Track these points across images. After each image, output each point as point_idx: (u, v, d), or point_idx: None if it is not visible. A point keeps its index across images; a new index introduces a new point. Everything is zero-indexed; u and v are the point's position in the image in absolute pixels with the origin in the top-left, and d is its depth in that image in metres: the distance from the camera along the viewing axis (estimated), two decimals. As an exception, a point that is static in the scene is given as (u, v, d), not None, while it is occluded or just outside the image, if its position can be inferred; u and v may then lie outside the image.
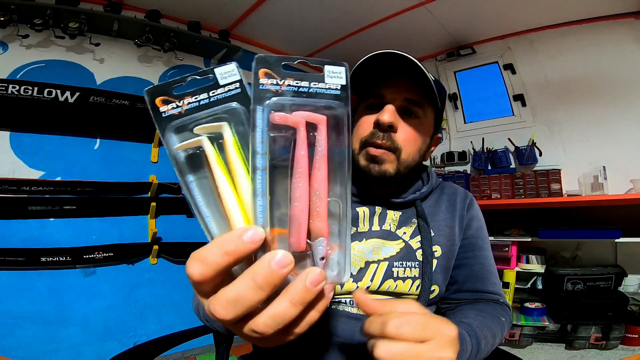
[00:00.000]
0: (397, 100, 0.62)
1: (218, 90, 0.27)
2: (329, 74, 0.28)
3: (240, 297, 0.24)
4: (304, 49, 2.86)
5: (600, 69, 2.22)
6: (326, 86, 0.28)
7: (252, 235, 0.23)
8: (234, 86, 0.27)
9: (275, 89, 0.26)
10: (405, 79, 0.62)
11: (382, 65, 0.61)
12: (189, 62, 2.38)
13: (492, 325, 0.59)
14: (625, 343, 1.87)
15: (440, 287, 0.66)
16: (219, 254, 0.24)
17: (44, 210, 1.79)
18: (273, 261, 0.23)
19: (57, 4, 1.78)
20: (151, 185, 2.08)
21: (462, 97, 2.85)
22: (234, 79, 0.27)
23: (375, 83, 0.64)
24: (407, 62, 0.59)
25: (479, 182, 2.43)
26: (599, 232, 2.02)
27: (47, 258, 1.75)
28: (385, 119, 0.60)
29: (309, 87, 0.27)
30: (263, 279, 0.23)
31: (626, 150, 2.11)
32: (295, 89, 0.27)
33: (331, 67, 0.28)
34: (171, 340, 0.76)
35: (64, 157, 1.90)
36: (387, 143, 0.61)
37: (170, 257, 2.15)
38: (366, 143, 0.62)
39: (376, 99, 0.64)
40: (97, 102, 1.90)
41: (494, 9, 2.26)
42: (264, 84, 0.26)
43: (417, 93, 0.63)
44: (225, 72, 0.27)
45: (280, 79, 0.27)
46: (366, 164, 0.63)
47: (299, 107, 0.27)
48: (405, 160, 0.64)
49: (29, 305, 1.72)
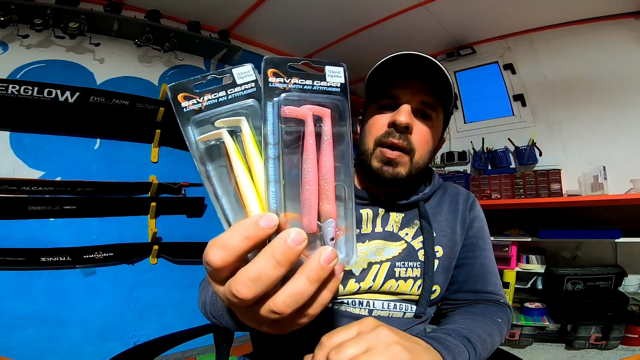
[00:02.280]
0: (412, 102, 0.62)
1: (235, 89, 0.30)
2: (329, 74, 0.30)
3: (262, 274, 0.25)
4: (304, 49, 2.86)
5: (600, 69, 2.22)
6: (327, 84, 0.30)
7: (266, 220, 0.25)
8: (250, 85, 0.30)
9: (283, 86, 0.29)
10: (421, 80, 0.62)
11: (397, 66, 0.61)
12: (189, 62, 2.38)
13: (487, 327, 0.58)
14: (625, 343, 1.87)
15: (441, 287, 0.66)
16: (240, 238, 0.25)
17: (44, 210, 1.79)
18: (289, 238, 0.25)
19: (57, 4, 1.78)
20: (151, 185, 2.08)
21: (462, 97, 2.85)
22: (249, 79, 0.30)
23: (389, 84, 0.63)
24: (424, 62, 0.59)
25: (479, 182, 2.43)
26: (599, 232, 2.02)
27: (47, 258, 1.75)
28: (402, 119, 0.59)
29: (312, 85, 0.30)
30: (281, 255, 0.25)
31: (626, 150, 2.11)
32: (301, 87, 0.30)
33: (331, 68, 0.30)
34: (171, 340, 0.76)
35: (64, 157, 1.90)
36: (403, 143, 0.61)
37: (170, 257, 2.15)
38: (381, 143, 0.62)
39: (389, 100, 0.63)
40: (97, 102, 1.89)
41: (494, 9, 2.26)
42: (273, 82, 0.29)
43: (431, 95, 0.63)
44: (242, 72, 0.30)
45: (287, 77, 0.29)
46: (380, 166, 0.63)
47: (305, 102, 0.29)
48: (418, 162, 0.64)
49: (29, 305, 1.72)
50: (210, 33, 2.42)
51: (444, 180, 0.79)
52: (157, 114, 2.09)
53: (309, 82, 0.30)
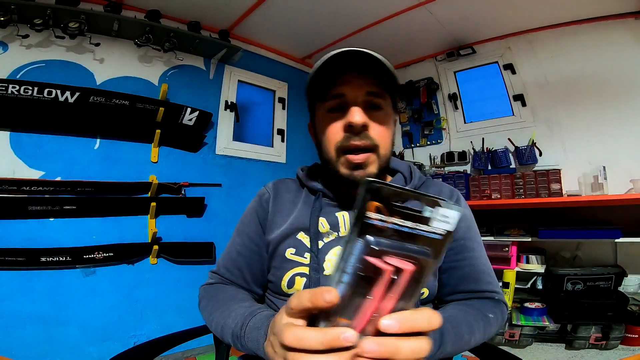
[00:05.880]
0: (359, 97, 0.61)
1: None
2: (438, 216, 0.28)
3: (304, 339, 0.30)
4: (303, 49, 2.87)
5: (600, 69, 2.22)
6: (430, 230, 0.28)
7: (330, 297, 0.28)
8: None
9: (380, 224, 0.27)
10: (360, 73, 0.61)
11: (335, 64, 0.60)
12: (189, 62, 2.38)
13: (470, 320, 0.58)
14: (625, 343, 1.87)
15: (430, 288, 0.66)
16: (319, 341, 0.29)
17: (44, 210, 1.79)
18: (343, 335, 0.28)
19: (57, 4, 1.78)
20: (151, 185, 2.08)
21: (462, 97, 2.85)
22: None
23: (332, 83, 0.62)
24: (359, 55, 0.58)
25: (479, 182, 2.43)
26: (599, 232, 2.02)
27: (47, 258, 1.75)
28: (357, 120, 0.59)
29: (412, 228, 0.27)
30: (329, 340, 0.28)
31: (626, 150, 2.11)
32: (398, 228, 0.27)
33: (446, 210, 0.28)
34: (171, 340, 0.76)
35: (64, 157, 1.89)
36: (366, 142, 0.61)
37: (170, 257, 2.15)
38: (343, 149, 0.62)
39: (336, 99, 0.63)
40: (97, 102, 1.89)
41: (493, 9, 2.27)
42: (371, 218, 0.27)
43: (375, 84, 0.62)
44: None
45: (388, 214, 0.27)
46: (349, 172, 0.62)
47: (393, 252, 0.28)
48: (384, 154, 0.64)
49: (29, 305, 1.72)
50: (210, 33, 2.42)
51: (443, 179, 0.79)
52: (157, 114, 2.09)
53: (410, 223, 0.27)
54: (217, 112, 2.49)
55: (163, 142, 2.21)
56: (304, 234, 0.66)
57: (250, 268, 0.71)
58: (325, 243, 0.65)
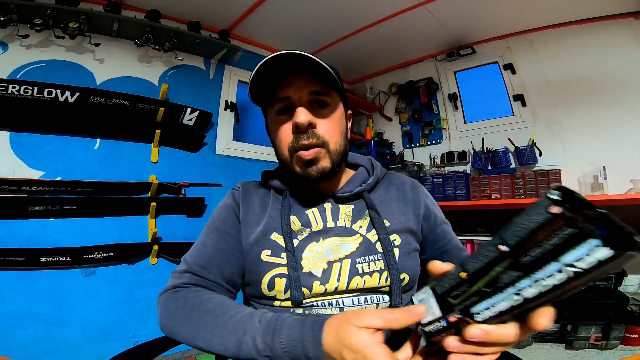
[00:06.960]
0: (303, 97, 0.63)
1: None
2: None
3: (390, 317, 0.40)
4: (303, 49, 2.86)
5: (600, 69, 2.22)
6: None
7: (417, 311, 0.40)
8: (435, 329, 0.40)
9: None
10: (303, 73, 0.63)
11: (276, 68, 0.62)
12: (189, 62, 2.38)
13: None
14: (625, 343, 1.87)
15: (410, 274, 0.66)
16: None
17: (44, 210, 1.79)
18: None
19: (57, 4, 1.78)
20: (151, 185, 2.08)
21: (462, 97, 2.85)
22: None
23: (276, 88, 0.65)
24: (296, 57, 0.60)
25: (479, 182, 2.43)
26: (599, 232, 2.01)
27: (47, 258, 1.75)
28: (301, 120, 0.61)
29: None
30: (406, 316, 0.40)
31: (626, 150, 2.11)
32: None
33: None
34: (171, 340, 0.76)
35: (64, 157, 1.90)
36: (313, 140, 0.63)
37: (170, 257, 2.15)
38: (295, 149, 0.64)
39: (283, 102, 0.65)
40: (97, 102, 1.89)
41: (494, 9, 2.27)
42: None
43: (318, 83, 0.64)
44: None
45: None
46: (303, 170, 0.64)
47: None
48: (335, 149, 0.66)
49: (29, 305, 1.72)
50: (210, 33, 2.42)
51: (444, 178, 0.80)
52: (157, 114, 2.09)
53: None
54: (217, 112, 2.49)
55: (163, 142, 2.21)
56: (277, 234, 0.66)
57: (229, 266, 0.67)
58: (300, 241, 0.66)
